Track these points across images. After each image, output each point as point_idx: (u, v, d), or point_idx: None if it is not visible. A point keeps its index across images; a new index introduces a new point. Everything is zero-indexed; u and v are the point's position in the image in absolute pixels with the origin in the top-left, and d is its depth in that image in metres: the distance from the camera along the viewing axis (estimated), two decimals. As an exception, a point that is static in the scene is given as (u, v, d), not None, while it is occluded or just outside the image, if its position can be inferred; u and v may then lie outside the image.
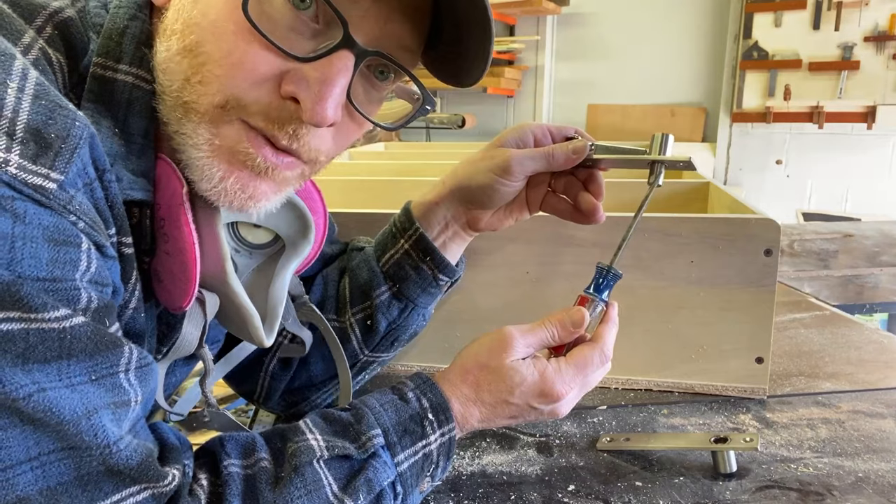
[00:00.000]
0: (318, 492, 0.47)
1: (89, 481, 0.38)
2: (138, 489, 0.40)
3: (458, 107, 4.17)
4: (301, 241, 0.61)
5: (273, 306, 0.58)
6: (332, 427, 0.51)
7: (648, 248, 0.81)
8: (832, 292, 1.39)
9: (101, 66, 0.46)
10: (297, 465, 0.47)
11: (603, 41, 3.93)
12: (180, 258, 0.49)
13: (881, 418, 0.77)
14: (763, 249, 0.78)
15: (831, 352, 0.98)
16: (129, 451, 0.40)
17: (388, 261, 0.70)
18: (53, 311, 0.37)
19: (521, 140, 0.67)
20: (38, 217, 0.37)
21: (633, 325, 0.83)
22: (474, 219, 0.69)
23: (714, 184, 1.13)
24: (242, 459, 0.48)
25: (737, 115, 3.56)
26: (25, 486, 0.36)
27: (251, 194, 0.48)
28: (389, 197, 1.21)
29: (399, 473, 0.51)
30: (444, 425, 0.54)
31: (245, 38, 0.44)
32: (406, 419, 0.53)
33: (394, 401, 0.54)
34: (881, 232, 2.00)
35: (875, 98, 3.28)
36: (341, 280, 0.74)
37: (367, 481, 0.49)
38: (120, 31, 0.47)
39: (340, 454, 0.49)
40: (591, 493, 0.63)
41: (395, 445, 0.52)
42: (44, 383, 0.36)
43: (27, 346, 0.36)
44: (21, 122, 0.37)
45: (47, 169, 0.37)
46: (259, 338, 0.56)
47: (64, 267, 0.38)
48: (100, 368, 0.39)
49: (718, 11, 3.62)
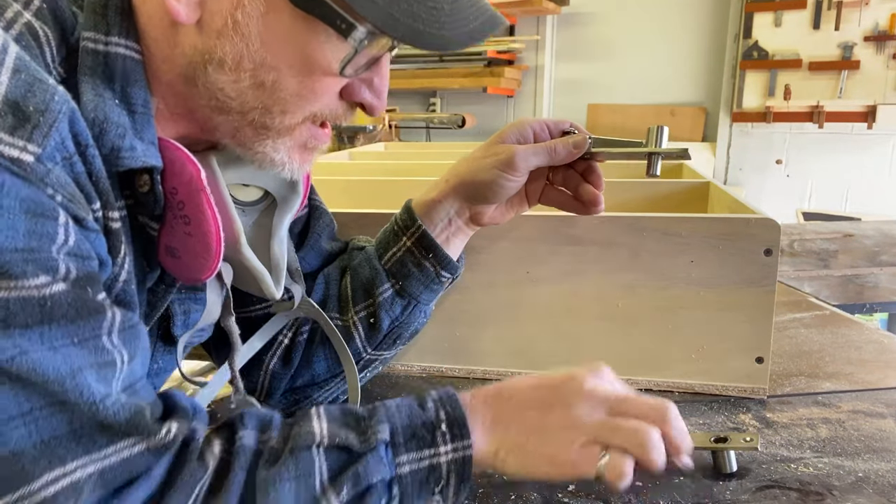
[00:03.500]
0: (306, 478, 0.46)
1: (83, 434, 0.39)
2: (132, 442, 0.41)
3: (458, 107, 4.17)
4: (291, 194, 0.64)
5: (276, 262, 0.63)
6: (345, 418, 0.50)
7: (648, 248, 0.81)
8: (832, 292, 1.39)
9: (91, 41, 0.47)
10: (293, 448, 0.47)
11: (603, 41, 3.92)
12: (204, 239, 0.52)
13: (881, 418, 0.77)
14: (763, 249, 0.78)
15: (831, 352, 0.98)
16: (116, 408, 0.41)
17: (390, 258, 0.71)
18: (33, 279, 0.38)
19: (521, 136, 0.68)
20: (16, 188, 0.37)
21: (633, 325, 0.83)
22: (477, 214, 0.70)
23: (714, 184, 1.13)
24: (258, 433, 0.48)
25: (737, 114, 3.55)
26: (19, 440, 0.37)
27: (306, 167, 0.57)
28: (389, 197, 1.21)
29: (398, 475, 0.48)
30: (458, 440, 0.50)
31: (327, 76, 0.51)
32: (418, 424, 0.50)
33: (411, 405, 0.52)
34: (881, 232, 2.00)
35: (875, 98, 3.27)
36: (342, 279, 0.74)
37: (355, 475, 0.47)
38: (103, 4, 0.48)
39: (341, 444, 0.48)
40: (591, 493, 0.63)
41: (400, 446, 0.49)
42: (25, 347, 0.37)
43: (8, 313, 0.37)
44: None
45: (24, 141, 0.38)
46: (271, 293, 0.62)
47: (41, 239, 0.38)
48: (82, 332, 0.40)
49: (718, 11, 3.62)
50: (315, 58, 0.50)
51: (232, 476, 0.45)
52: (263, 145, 0.53)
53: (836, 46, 3.29)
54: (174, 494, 0.42)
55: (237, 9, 0.47)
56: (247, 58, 0.49)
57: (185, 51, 0.50)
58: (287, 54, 0.49)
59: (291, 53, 0.49)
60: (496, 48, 3.83)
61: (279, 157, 0.54)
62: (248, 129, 0.53)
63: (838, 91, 3.33)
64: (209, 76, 0.50)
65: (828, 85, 3.35)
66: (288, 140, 0.54)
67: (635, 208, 1.12)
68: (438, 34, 0.48)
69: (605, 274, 0.82)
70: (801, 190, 3.55)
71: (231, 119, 0.52)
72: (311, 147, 0.56)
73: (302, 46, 0.49)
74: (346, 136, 3.22)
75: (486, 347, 0.88)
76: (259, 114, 0.51)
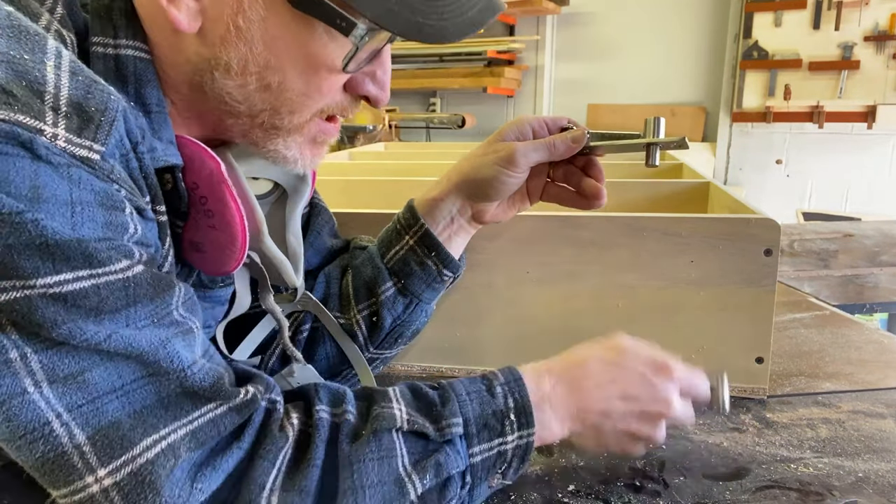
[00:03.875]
0: (390, 459, 0.48)
1: (170, 403, 0.43)
2: (215, 405, 0.44)
3: (458, 107, 4.17)
4: (301, 185, 0.66)
5: (294, 251, 0.65)
6: (418, 402, 0.53)
7: (648, 248, 0.81)
8: (832, 292, 1.39)
9: (100, 45, 0.48)
10: (376, 429, 0.49)
11: (603, 41, 3.93)
12: (229, 231, 0.53)
13: (881, 418, 0.77)
14: (763, 249, 0.78)
15: (831, 352, 0.98)
16: (202, 374, 0.44)
17: (392, 257, 0.71)
18: (117, 264, 0.40)
19: (520, 133, 0.69)
20: (91, 183, 0.40)
21: (634, 325, 0.83)
22: (479, 212, 0.71)
23: (714, 184, 1.13)
24: (332, 408, 0.50)
25: (737, 114, 3.56)
26: (114, 412, 0.40)
27: (315, 161, 0.58)
28: (389, 197, 1.21)
29: (471, 465, 0.52)
30: (524, 428, 0.54)
31: (332, 73, 0.51)
32: (489, 414, 0.54)
33: (480, 392, 0.55)
34: (881, 232, 2.00)
35: (875, 98, 3.28)
36: (343, 277, 0.74)
37: (437, 464, 0.50)
38: (107, 8, 0.48)
39: (419, 431, 0.51)
40: (591, 493, 0.63)
41: (473, 437, 0.52)
42: (117, 328, 0.40)
43: (100, 299, 0.39)
44: (63, 97, 0.39)
45: (90, 141, 0.40)
46: (292, 280, 0.64)
47: (116, 229, 0.41)
48: (159, 311, 0.43)
49: (718, 11, 3.62)
50: (318, 56, 0.50)
51: (313, 449, 0.47)
52: (275, 143, 0.54)
53: (836, 46, 3.29)
54: (261, 463, 0.45)
55: (238, 14, 0.48)
56: (251, 62, 0.49)
57: (189, 58, 0.50)
58: (290, 55, 0.50)
59: (295, 54, 0.50)
60: (496, 48, 3.83)
61: (291, 153, 0.55)
62: (258, 130, 0.53)
63: (838, 91, 3.33)
64: (216, 82, 0.50)
65: (828, 85, 3.35)
66: (298, 137, 0.55)
67: (635, 208, 1.12)
68: (438, 24, 0.48)
69: (605, 274, 0.82)
70: (801, 190, 3.55)
71: (241, 122, 0.53)
72: (321, 141, 0.57)
73: (304, 46, 0.49)
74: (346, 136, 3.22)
75: (486, 347, 0.88)
76: (268, 115, 0.52)
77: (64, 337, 0.38)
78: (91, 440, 0.40)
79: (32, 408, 0.38)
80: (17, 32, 0.39)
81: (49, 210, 0.37)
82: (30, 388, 0.38)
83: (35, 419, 0.38)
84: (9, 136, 0.36)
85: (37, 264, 0.37)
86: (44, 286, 0.37)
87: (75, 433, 0.39)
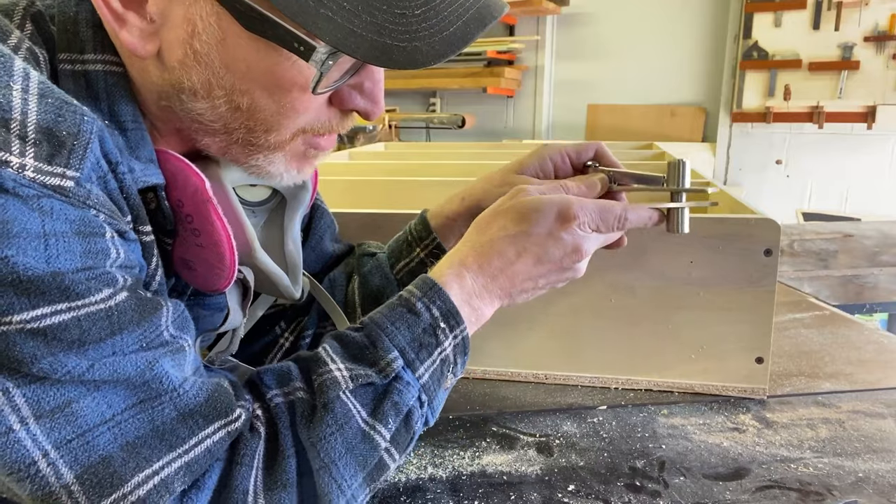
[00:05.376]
0: (348, 423, 0.48)
1: (165, 430, 0.41)
2: (212, 430, 0.43)
3: (458, 107, 4.17)
4: (300, 191, 0.64)
5: (292, 261, 0.63)
6: (349, 351, 0.52)
7: (648, 248, 0.81)
8: (832, 292, 1.39)
9: (68, 62, 0.45)
10: (326, 402, 0.48)
11: (603, 41, 3.92)
12: (215, 249, 0.51)
13: (881, 418, 0.77)
14: (763, 249, 0.78)
15: (831, 352, 0.98)
16: (195, 390, 0.43)
17: (402, 268, 0.71)
18: (97, 294, 0.39)
19: (541, 168, 0.68)
20: (65, 212, 0.38)
21: (633, 324, 0.83)
22: None
23: (714, 184, 1.13)
24: (281, 387, 0.49)
25: (737, 115, 3.55)
26: (106, 444, 0.39)
27: (304, 175, 0.54)
28: (389, 197, 1.21)
29: (422, 385, 0.52)
30: (456, 328, 0.55)
31: (304, 92, 0.47)
32: (420, 333, 0.53)
33: (404, 315, 0.53)
34: (881, 232, 2.00)
35: (875, 98, 3.28)
36: (349, 284, 0.74)
37: (394, 404, 0.50)
38: (73, 20, 0.46)
39: (365, 383, 0.50)
40: (591, 493, 0.63)
41: (414, 361, 0.52)
42: (100, 357, 0.39)
43: (81, 331, 0.38)
44: (31, 123, 0.37)
45: (63, 167, 0.38)
46: (290, 294, 0.62)
47: (96, 256, 0.40)
48: (147, 334, 0.41)
49: (718, 11, 3.62)
50: (285, 78, 0.46)
51: (282, 439, 0.46)
52: (256, 160, 0.51)
53: (836, 47, 3.29)
54: (238, 469, 0.44)
55: (193, 38, 0.44)
56: (216, 85, 0.46)
57: (153, 80, 0.47)
58: (256, 77, 0.46)
59: (260, 76, 0.46)
60: (496, 48, 3.83)
61: (275, 168, 0.52)
62: (236, 146, 0.50)
63: (838, 91, 3.33)
64: (185, 104, 0.48)
65: (828, 85, 3.35)
66: (280, 154, 0.51)
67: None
68: (410, 46, 0.43)
69: (605, 274, 0.82)
70: (801, 190, 3.55)
71: (218, 139, 0.50)
72: (311, 156, 0.54)
73: (269, 68, 0.45)
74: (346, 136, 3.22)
75: (486, 347, 0.88)
76: (244, 133, 0.49)
77: (45, 371, 0.37)
78: (79, 479, 0.38)
79: (18, 447, 0.37)
80: None
81: (20, 245, 0.36)
82: (15, 426, 0.37)
83: (21, 459, 0.37)
84: None
85: (11, 300, 0.36)
86: (20, 322, 0.36)
87: (62, 472, 0.38)
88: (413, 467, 0.67)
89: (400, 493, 0.63)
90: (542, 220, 0.57)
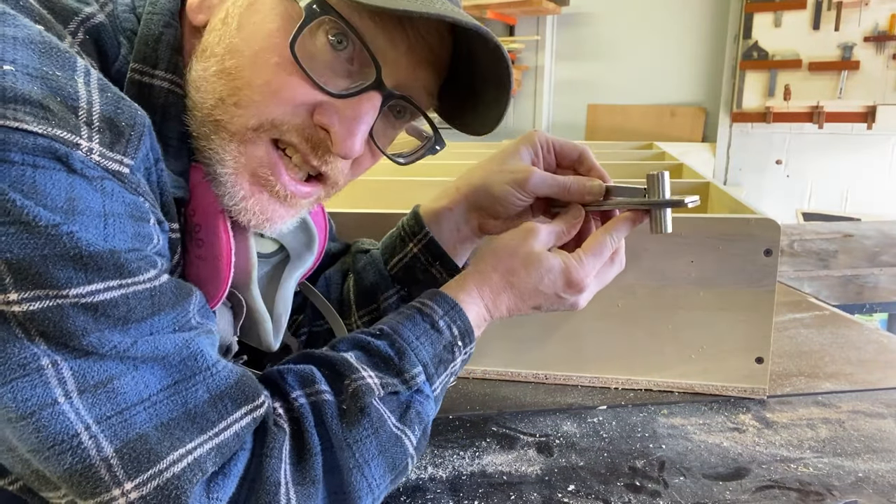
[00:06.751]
0: (382, 427, 0.51)
1: (196, 414, 0.43)
2: (240, 414, 0.45)
3: (458, 107, 4.16)
4: (306, 252, 0.65)
5: (279, 314, 0.63)
6: (376, 360, 0.54)
7: (648, 248, 0.81)
8: (832, 292, 1.39)
9: (138, 72, 0.49)
10: (362, 406, 0.50)
11: (603, 41, 3.93)
12: (215, 263, 0.52)
13: (881, 418, 0.77)
14: (763, 249, 0.78)
15: (831, 352, 0.98)
16: (226, 372, 0.45)
17: (396, 264, 0.71)
18: (145, 273, 0.41)
19: (534, 152, 0.69)
20: (122, 195, 0.41)
21: (633, 324, 0.83)
22: (485, 223, 0.71)
23: (714, 184, 1.13)
24: (305, 389, 0.51)
25: (737, 115, 3.56)
26: (142, 424, 0.40)
27: (269, 217, 0.52)
28: (390, 197, 1.21)
29: (435, 398, 0.57)
30: (468, 346, 0.59)
31: (287, 69, 0.47)
32: (441, 350, 0.57)
33: (428, 332, 0.57)
34: (881, 232, 2.00)
35: (875, 98, 3.28)
36: (345, 282, 0.74)
37: (418, 414, 0.54)
38: (155, 38, 0.49)
39: (392, 391, 0.53)
40: (591, 493, 0.63)
41: (433, 376, 0.56)
42: (141, 336, 0.41)
43: (128, 309, 0.40)
44: (95, 112, 0.40)
45: (121, 155, 0.41)
46: (268, 342, 0.62)
47: (143, 239, 0.42)
48: (179, 318, 0.44)
49: (718, 11, 3.62)
50: (278, 37, 0.47)
51: (308, 437, 0.48)
52: (212, 143, 0.50)
53: (836, 47, 3.30)
54: (269, 461, 0.45)
55: (234, 4, 0.49)
56: (219, 43, 0.49)
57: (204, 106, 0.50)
58: (256, 39, 0.48)
59: (261, 38, 0.48)
60: (496, 48, 3.82)
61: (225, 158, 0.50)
62: (203, 128, 0.50)
63: (838, 91, 3.33)
64: (192, 73, 0.51)
65: (827, 85, 3.35)
66: (238, 146, 0.49)
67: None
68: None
69: (605, 274, 0.82)
70: (801, 190, 3.55)
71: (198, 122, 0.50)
72: (263, 183, 0.51)
73: (270, 29, 0.48)
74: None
75: (487, 347, 0.88)
76: (214, 104, 0.49)
77: (93, 346, 0.39)
78: (119, 453, 0.40)
79: (62, 419, 0.38)
80: (48, 49, 0.40)
81: (83, 222, 0.38)
82: (60, 399, 0.38)
83: (64, 431, 0.38)
84: (46, 150, 0.37)
85: (70, 275, 0.37)
86: (76, 296, 0.38)
87: (103, 445, 0.39)
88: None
89: (400, 493, 0.63)
90: (552, 284, 0.62)
